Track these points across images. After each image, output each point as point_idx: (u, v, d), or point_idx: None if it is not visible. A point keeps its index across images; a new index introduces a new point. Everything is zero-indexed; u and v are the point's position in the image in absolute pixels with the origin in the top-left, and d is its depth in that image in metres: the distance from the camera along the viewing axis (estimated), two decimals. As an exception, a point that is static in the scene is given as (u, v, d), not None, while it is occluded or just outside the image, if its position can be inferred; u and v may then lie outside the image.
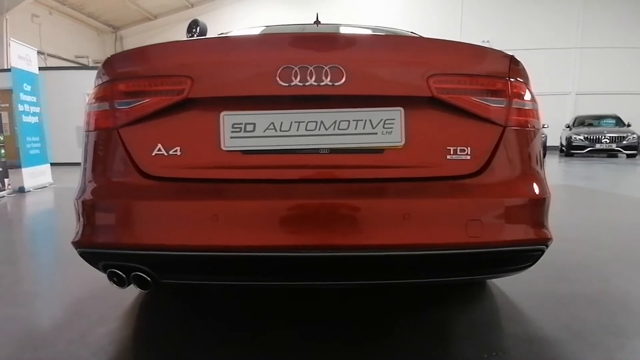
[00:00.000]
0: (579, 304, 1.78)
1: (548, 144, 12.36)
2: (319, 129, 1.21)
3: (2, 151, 5.61)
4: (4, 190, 5.59)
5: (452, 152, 1.24)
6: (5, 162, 5.65)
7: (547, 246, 1.31)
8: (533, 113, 1.34)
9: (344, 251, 1.18)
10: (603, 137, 12.16)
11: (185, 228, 1.19)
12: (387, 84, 1.24)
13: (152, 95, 1.24)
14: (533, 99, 1.35)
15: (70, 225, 1.37)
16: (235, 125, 1.21)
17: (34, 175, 6.28)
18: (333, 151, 1.23)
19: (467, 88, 1.25)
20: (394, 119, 1.22)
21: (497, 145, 1.26)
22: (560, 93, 17.39)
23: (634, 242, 2.87)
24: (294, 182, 1.22)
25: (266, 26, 2.32)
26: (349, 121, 1.22)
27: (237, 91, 1.23)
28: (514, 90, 1.29)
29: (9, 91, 5.81)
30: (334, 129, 1.21)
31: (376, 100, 1.23)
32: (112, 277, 1.30)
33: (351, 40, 1.33)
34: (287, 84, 1.19)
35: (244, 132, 1.21)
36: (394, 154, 1.23)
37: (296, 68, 1.19)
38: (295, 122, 1.21)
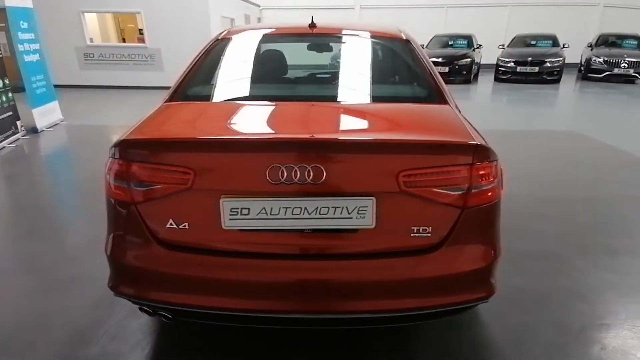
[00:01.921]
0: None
1: (568, 61, 12.02)
2: (303, 213, 1.44)
3: (10, 95, 5.71)
4: (18, 132, 5.82)
5: (415, 231, 1.47)
6: (15, 104, 5.79)
7: (485, 300, 1.60)
8: (493, 190, 1.52)
9: (320, 314, 1.50)
10: (622, 62, 11.64)
11: (193, 290, 1.50)
12: (361, 182, 1.43)
13: (161, 182, 1.46)
14: (494, 177, 1.52)
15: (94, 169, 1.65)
16: (233, 209, 1.44)
17: (44, 114, 6.44)
18: (315, 231, 1.47)
19: (431, 180, 1.43)
20: (367, 206, 1.43)
21: (456, 224, 1.48)
22: (584, 4, 16.14)
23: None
24: (282, 256, 1.49)
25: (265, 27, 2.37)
26: (328, 207, 1.43)
27: (231, 186, 1.44)
28: (475, 176, 1.47)
29: (2, 10, 5.64)
30: (315, 214, 1.44)
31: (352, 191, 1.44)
32: (142, 310, 1.66)
33: (331, 144, 1.49)
34: (275, 182, 1.39)
35: (240, 215, 1.44)
36: (367, 233, 1.47)
37: (283, 167, 1.38)
38: (282, 207, 1.43)
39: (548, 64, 11.31)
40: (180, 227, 1.50)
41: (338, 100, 2.00)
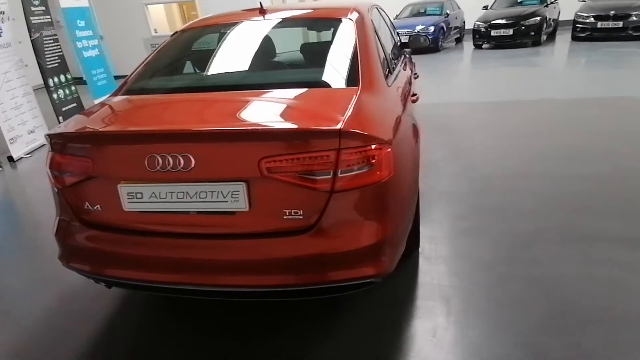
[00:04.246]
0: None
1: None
2: (186, 197, 1.56)
3: (74, 88, 6.51)
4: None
5: (287, 214, 1.53)
6: (78, 96, 6.59)
7: (375, 279, 1.61)
8: (372, 174, 1.51)
9: (207, 287, 1.64)
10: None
11: (110, 263, 1.73)
12: (228, 168, 1.51)
13: (72, 171, 1.68)
14: (371, 161, 1.50)
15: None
16: (129, 194, 1.61)
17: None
18: (199, 213, 1.59)
19: (294, 165, 1.46)
20: (238, 191, 1.51)
21: (325, 207, 1.51)
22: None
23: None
24: (174, 235, 1.64)
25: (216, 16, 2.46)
26: (206, 192, 1.54)
27: (125, 173, 1.61)
28: (344, 161, 1.47)
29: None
30: (196, 197, 1.55)
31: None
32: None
33: (199, 134, 1.57)
34: (153, 170, 1.53)
35: (135, 199, 1.61)
36: (243, 215, 1.55)
37: (158, 156, 1.51)
38: (168, 192, 1.57)
39: (634, 18, 9.73)
40: (94, 208, 1.71)
41: (246, 88, 2.01)
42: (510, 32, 10.64)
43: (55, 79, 6.14)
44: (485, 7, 12.07)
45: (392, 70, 2.43)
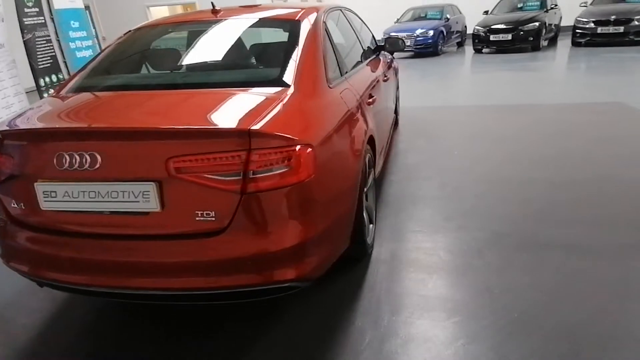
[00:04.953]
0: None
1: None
2: (98, 197, 1.54)
3: (64, 88, 6.58)
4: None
5: (199, 215, 1.49)
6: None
7: (298, 283, 1.57)
8: (289, 175, 1.47)
9: (123, 289, 1.61)
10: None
11: (35, 263, 1.71)
12: (137, 168, 1.49)
13: None
14: (288, 162, 1.47)
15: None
16: (45, 192, 1.59)
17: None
18: (113, 213, 1.56)
19: (202, 166, 1.43)
20: (149, 191, 1.48)
21: (237, 209, 1.47)
22: None
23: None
24: (90, 235, 1.62)
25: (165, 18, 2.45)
26: (117, 191, 1.52)
27: (39, 171, 1.59)
28: (255, 162, 1.43)
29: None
30: (108, 197, 1.53)
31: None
32: None
33: (103, 132, 1.56)
34: (61, 168, 1.51)
35: (50, 197, 1.59)
36: (156, 216, 1.52)
37: (66, 155, 1.50)
38: (80, 191, 1.55)
39: (636, 22, 9.56)
40: (19, 207, 1.70)
41: (176, 88, 1.98)
42: (509, 37, 10.54)
43: (47, 79, 6.23)
44: (486, 12, 11.98)
45: (344, 73, 2.38)
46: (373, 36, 3.93)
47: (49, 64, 6.26)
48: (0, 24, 5.43)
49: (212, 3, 2.42)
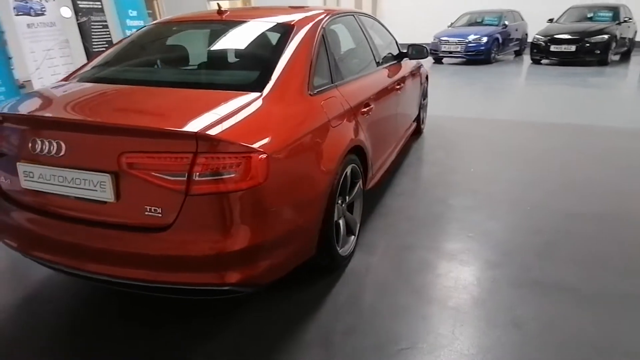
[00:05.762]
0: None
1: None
2: (65, 182, 1.66)
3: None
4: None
5: (148, 210, 1.57)
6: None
7: (242, 287, 1.60)
8: (235, 181, 1.51)
9: (77, 271, 1.73)
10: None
11: (19, 236, 1.88)
12: (94, 159, 1.60)
13: None
14: (236, 168, 1.50)
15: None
16: (24, 172, 1.75)
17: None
18: (77, 198, 1.68)
19: (150, 163, 1.50)
20: (105, 182, 1.58)
21: (181, 208, 1.52)
22: None
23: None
24: (57, 216, 1.75)
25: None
26: (80, 179, 1.63)
27: (20, 153, 1.75)
28: (201, 165, 1.48)
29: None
30: (73, 183, 1.65)
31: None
32: None
33: (66, 123, 1.67)
34: (34, 152, 1.66)
35: (29, 177, 1.74)
36: (111, 206, 1.62)
37: (38, 140, 1.64)
38: (51, 174, 1.68)
39: None
40: (5, 182, 1.88)
41: (156, 85, 2.06)
42: (573, 48, 9.83)
43: (101, 62, 6.72)
44: (551, 20, 11.25)
45: (337, 81, 2.35)
46: (396, 42, 3.84)
47: (104, 49, 6.73)
48: (50, 2, 5.77)
49: (218, 4, 2.48)
